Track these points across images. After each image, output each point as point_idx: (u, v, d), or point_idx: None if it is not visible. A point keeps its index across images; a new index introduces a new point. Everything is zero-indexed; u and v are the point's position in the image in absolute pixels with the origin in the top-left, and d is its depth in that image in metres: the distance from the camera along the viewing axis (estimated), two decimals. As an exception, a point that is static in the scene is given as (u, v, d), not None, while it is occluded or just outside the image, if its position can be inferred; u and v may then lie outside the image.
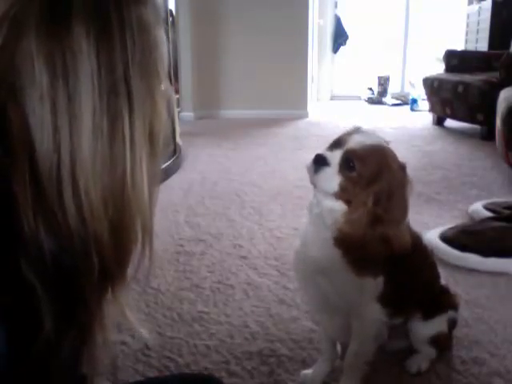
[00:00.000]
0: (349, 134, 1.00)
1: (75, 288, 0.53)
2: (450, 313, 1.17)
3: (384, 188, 0.94)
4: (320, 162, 0.96)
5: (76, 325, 0.54)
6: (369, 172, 0.94)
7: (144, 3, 0.56)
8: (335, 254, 0.97)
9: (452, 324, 1.19)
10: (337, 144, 0.98)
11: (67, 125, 0.50)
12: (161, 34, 0.58)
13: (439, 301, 1.17)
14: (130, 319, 0.60)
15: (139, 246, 0.58)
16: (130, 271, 0.58)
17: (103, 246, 0.54)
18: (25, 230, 0.50)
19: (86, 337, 0.56)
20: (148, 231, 0.58)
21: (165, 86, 0.59)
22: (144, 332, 0.63)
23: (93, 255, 0.53)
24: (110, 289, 0.57)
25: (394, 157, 0.98)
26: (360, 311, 1.03)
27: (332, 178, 0.95)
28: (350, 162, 0.95)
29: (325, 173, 0.95)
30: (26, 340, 0.50)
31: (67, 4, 0.51)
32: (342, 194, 0.95)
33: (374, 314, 1.03)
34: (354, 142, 0.97)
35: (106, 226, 0.53)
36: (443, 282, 1.22)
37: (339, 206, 0.96)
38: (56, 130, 0.50)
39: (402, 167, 0.98)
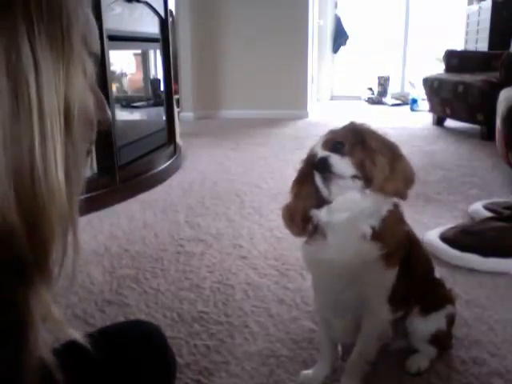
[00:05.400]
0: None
1: None
2: (448, 308, 1.17)
3: (378, 141, 0.99)
4: (324, 161, 0.97)
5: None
6: (357, 142, 0.98)
7: None
8: (371, 248, 0.96)
9: (451, 320, 1.18)
10: (311, 157, 1.03)
11: None
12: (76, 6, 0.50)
13: (436, 295, 1.17)
14: (57, 318, 0.53)
15: (60, 238, 0.50)
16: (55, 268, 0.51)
17: (13, 235, 0.45)
18: None
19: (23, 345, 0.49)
20: (66, 221, 0.50)
21: (83, 57, 0.52)
22: (73, 332, 0.56)
23: None
24: (31, 285, 0.49)
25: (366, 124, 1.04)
26: (373, 310, 1.04)
27: (343, 161, 0.96)
28: (337, 144, 0.98)
29: (336, 159, 0.96)
30: None
31: None
32: (361, 170, 0.96)
33: (385, 313, 1.03)
34: (325, 137, 1.02)
35: (15, 210, 0.45)
36: (438, 275, 1.22)
37: (365, 197, 0.97)
38: None
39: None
